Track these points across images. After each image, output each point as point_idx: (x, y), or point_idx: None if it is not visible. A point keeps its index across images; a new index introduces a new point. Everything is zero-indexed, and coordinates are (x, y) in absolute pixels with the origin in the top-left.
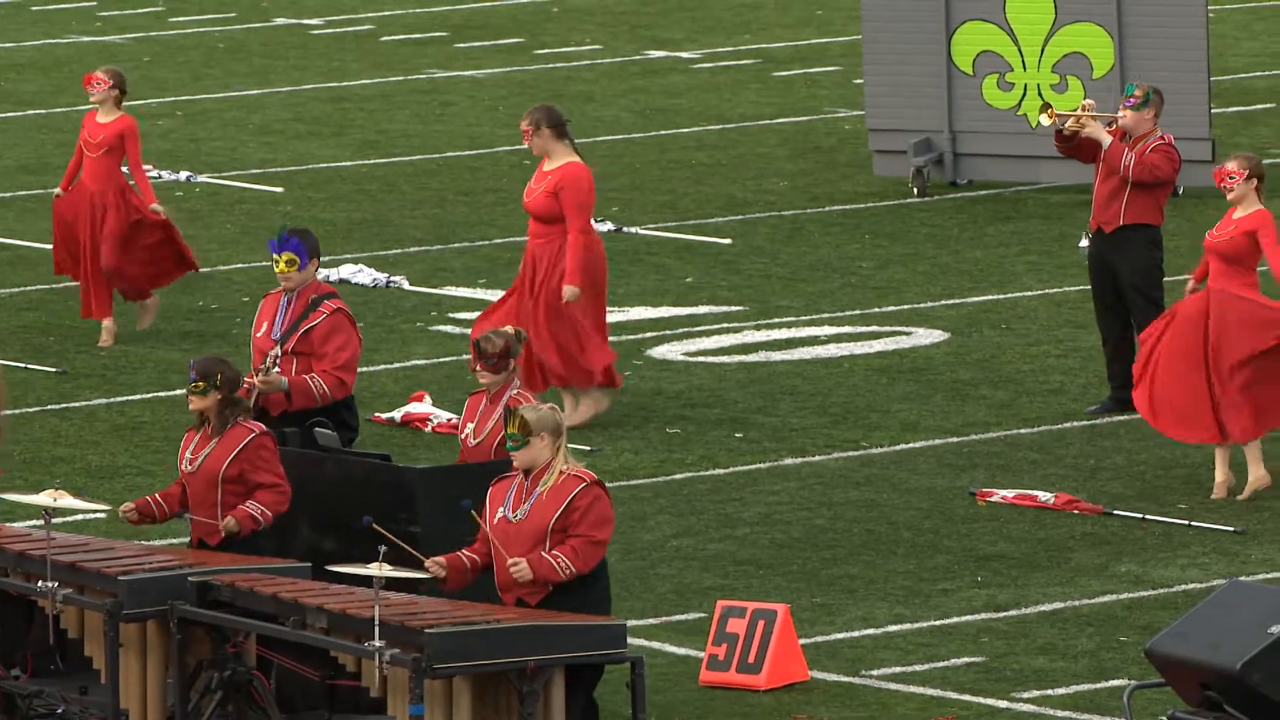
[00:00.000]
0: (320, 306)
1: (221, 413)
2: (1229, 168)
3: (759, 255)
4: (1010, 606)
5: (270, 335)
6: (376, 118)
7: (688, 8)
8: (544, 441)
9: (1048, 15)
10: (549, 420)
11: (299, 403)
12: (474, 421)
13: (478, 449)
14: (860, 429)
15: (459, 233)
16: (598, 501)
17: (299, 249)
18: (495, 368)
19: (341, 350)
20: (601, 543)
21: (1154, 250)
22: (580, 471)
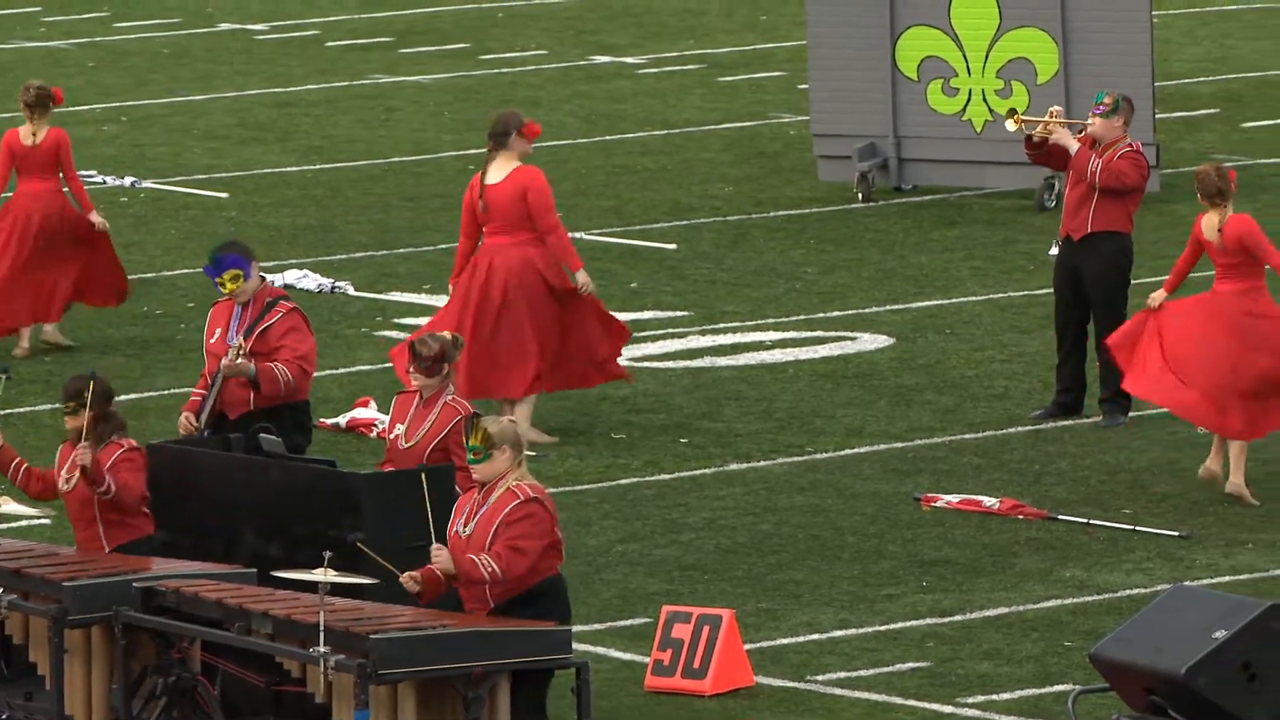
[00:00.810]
0: (276, 306)
1: (96, 429)
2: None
3: (704, 261)
4: (955, 611)
5: (225, 341)
6: (321, 123)
7: (633, 13)
8: (505, 455)
9: (992, 20)
10: (510, 433)
11: (267, 390)
12: (404, 423)
13: (410, 452)
14: (805, 434)
15: (404, 238)
16: (529, 518)
17: (238, 262)
18: (429, 371)
19: (301, 344)
20: (524, 550)
21: (1122, 258)
22: (523, 487)
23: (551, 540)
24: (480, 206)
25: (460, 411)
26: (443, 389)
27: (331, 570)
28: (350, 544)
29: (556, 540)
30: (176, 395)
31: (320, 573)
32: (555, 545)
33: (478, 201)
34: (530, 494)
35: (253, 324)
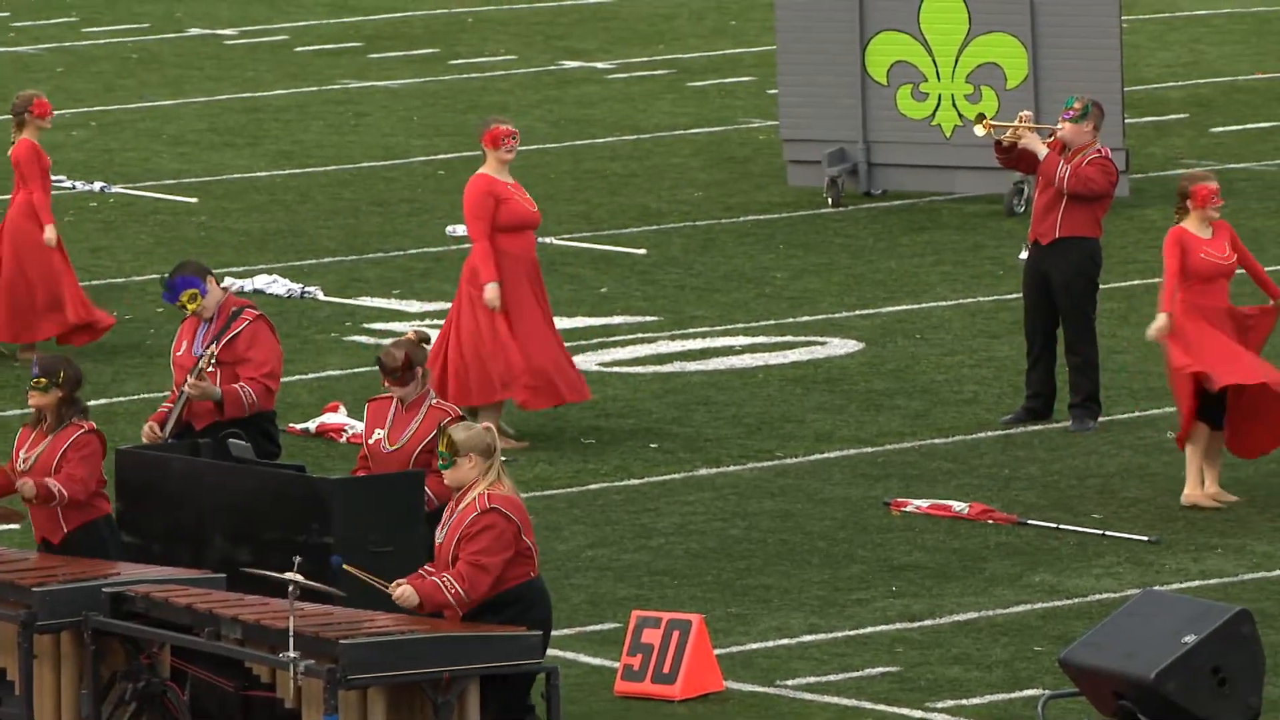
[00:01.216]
0: (241, 315)
1: (59, 410)
2: (1216, 186)
3: (674, 266)
4: (925, 616)
5: (191, 353)
6: (291, 128)
7: (602, 18)
8: (471, 462)
9: (962, 26)
10: (478, 441)
11: (230, 412)
12: (385, 428)
13: (395, 456)
14: (775, 439)
15: (373, 243)
16: (487, 529)
17: (191, 282)
18: (401, 380)
19: (267, 356)
20: (485, 567)
21: (1090, 263)
22: (487, 497)
23: (517, 550)
24: None
25: (447, 414)
26: (424, 394)
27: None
28: (336, 567)
29: (524, 548)
30: (146, 401)
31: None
32: (523, 554)
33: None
34: (489, 504)
35: (218, 334)
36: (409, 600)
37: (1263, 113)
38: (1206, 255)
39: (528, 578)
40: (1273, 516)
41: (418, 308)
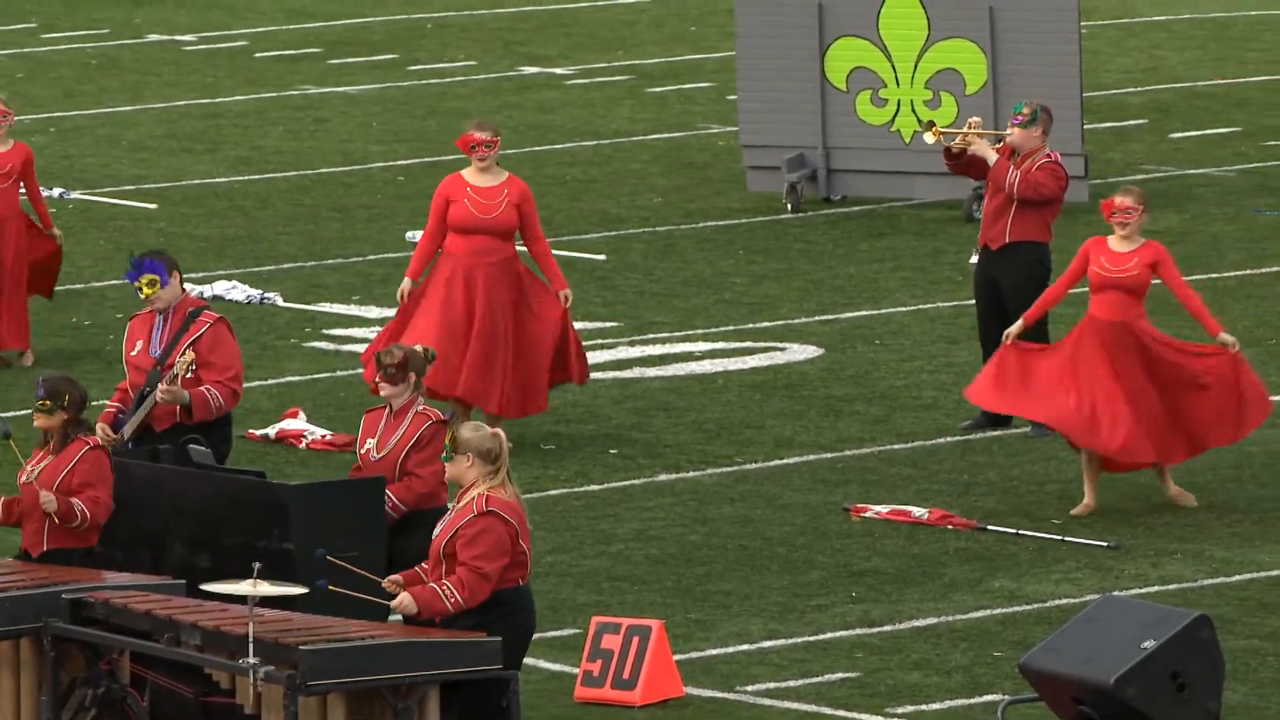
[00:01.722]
0: (201, 317)
1: (65, 431)
2: (1125, 202)
3: (633, 271)
4: (884, 622)
5: (148, 353)
6: (250, 134)
7: (562, 24)
8: (469, 462)
9: (921, 31)
10: (480, 443)
11: (199, 415)
12: (375, 437)
13: (381, 464)
14: (734, 445)
15: (333, 249)
16: (484, 533)
17: (156, 267)
18: (393, 379)
19: (231, 360)
20: (486, 575)
21: (1039, 268)
22: (484, 500)
23: (513, 557)
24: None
25: (430, 418)
26: (413, 400)
27: (261, 582)
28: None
29: (519, 554)
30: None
31: (249, 585)
32: (518, 560)
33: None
34: (486, 507)
35: (176, 336)
36: (408, 609)
37: (1222, 118)
38: (1101, 266)
39: (516, 584)
40: (1231, 522)
41: (377, 313)
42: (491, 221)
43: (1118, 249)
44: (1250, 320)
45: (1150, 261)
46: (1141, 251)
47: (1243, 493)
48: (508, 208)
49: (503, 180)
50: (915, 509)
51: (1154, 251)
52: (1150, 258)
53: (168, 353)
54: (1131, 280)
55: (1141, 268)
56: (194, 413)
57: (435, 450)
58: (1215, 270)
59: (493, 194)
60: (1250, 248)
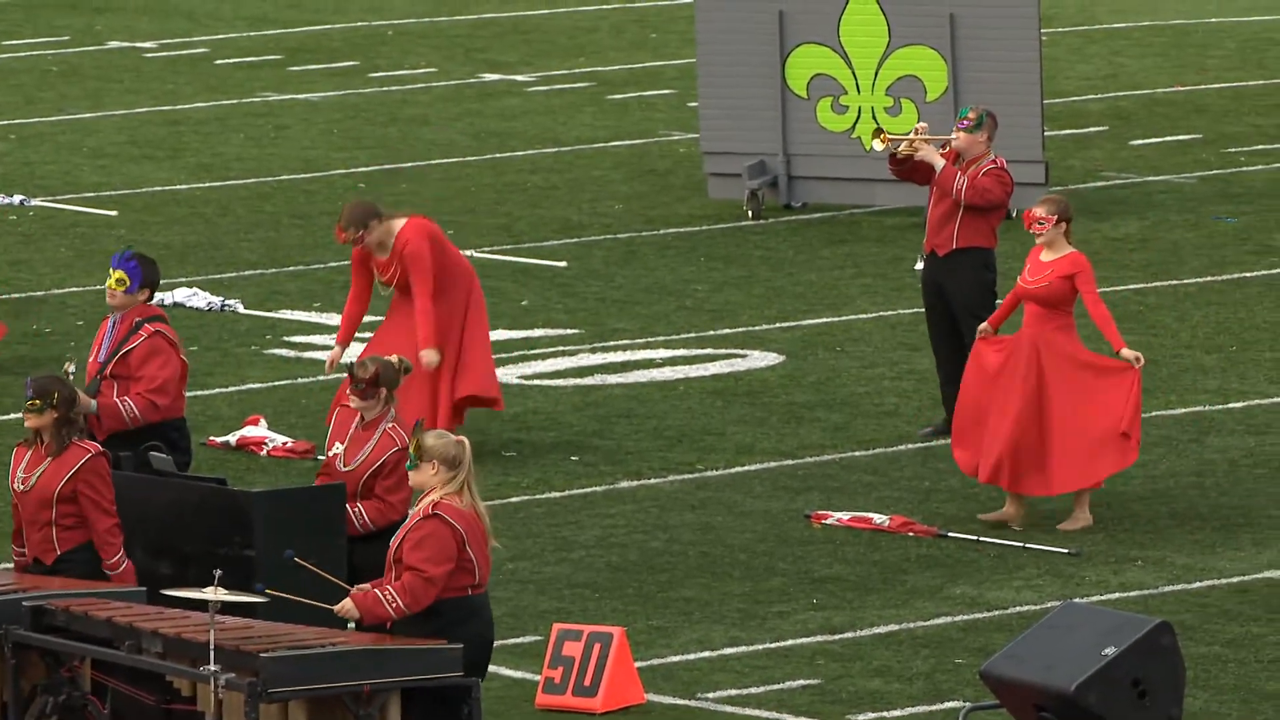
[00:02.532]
0: (141, 329)
1: (58, 432)
2: (1037, 213)
3: (594, 278)
4: (845, 629)
5: (98, 359)
6: (211, 141)
7: (522, 31)
8: (434, 469)
9: (881, 38)
10: (444, 450)
11: (108, 425)
12: (344, 443)
13: (348, 476)
14: (695, 452)
15: (293, 256)
16: (429, 537)
17: (133, 271)
18: (363, 394)
19: (159, 372)
20: (430, 579)
21: (986, 273)
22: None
23: (458, 563)
24: None
25: (396, 443)
26: (384, 414)
27: (222, 589)
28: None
29: (465, 560)
30: None
31: (211, 592)
32: (464, 567)
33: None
34: (433, 511)
35: (119, 345)
36: (350, 615)
37: (1182, 125)
38: (1023, 277)
39: (464, 593)
40: (1192, 529)
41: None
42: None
43: (1043, 259)
44: (1211, 327)
45: (1066, 273)
46: (1058, 263)
47: (1204, 500)
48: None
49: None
50: (876, 516)
51: (1071, 263)
52: (1066, 269)
53: (111, 358)
54: (1044, 292)
55: (1055, 279)
56: (102, 422)
57: (402, 475)
58: (1176, 277)
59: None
60: (1211, 254)
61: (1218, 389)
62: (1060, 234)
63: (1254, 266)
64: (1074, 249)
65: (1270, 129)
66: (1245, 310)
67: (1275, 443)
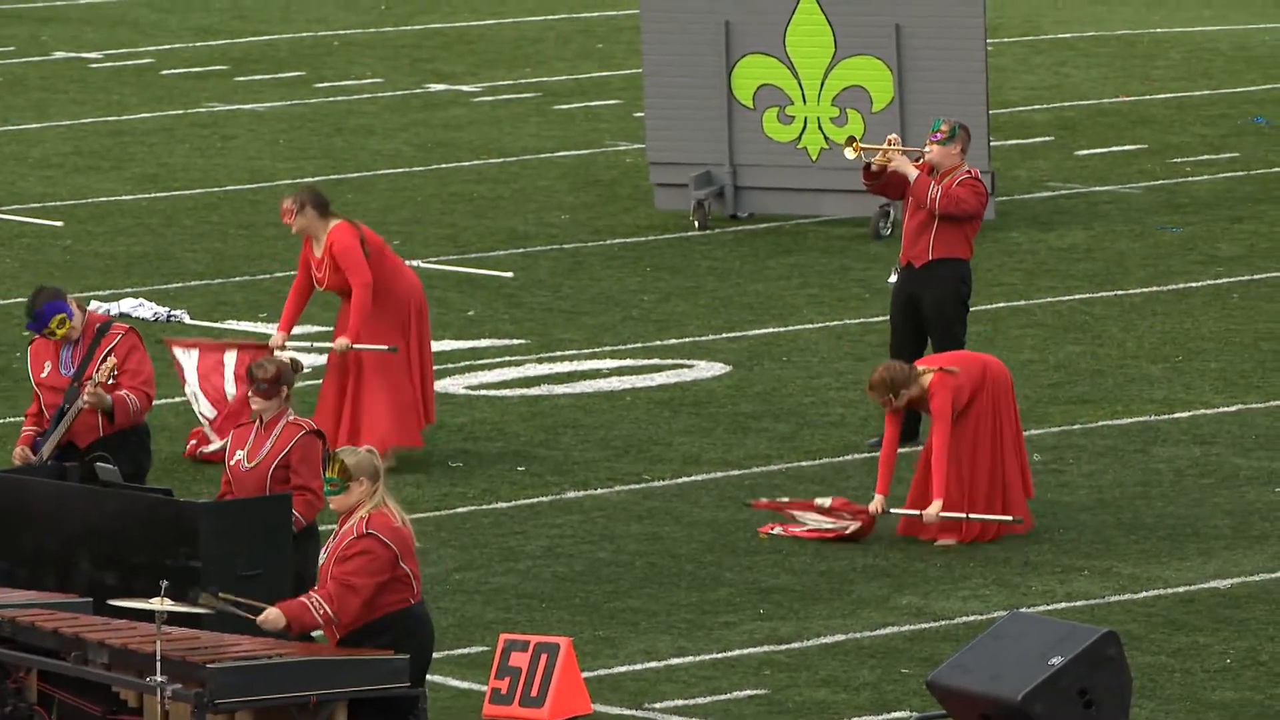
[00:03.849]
0: (111, 329)
1: None
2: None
3: (540, 288)
4: (792, 639)
5: (59, 372)
6: (157, 151)
7: (468, 41)
8: (361, 487)
9: (827, 49)
10: (367, 465)
11: (119, 420)
12: (244, 448)
13: (252, 474)
14: (642, 462)
15: (240, 266)
16: (363, 554)
17: (60, 307)
18: (266, 394)
19: (143, 366)
20: (354, 588)
21: (961, 285)
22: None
23: (393, 575)
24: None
25: (302, 428)
26: (282, 411)
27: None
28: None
29: (401, 574)
30: (14, 425)
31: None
32: (400, 580)
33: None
34: (366, 530)
35: (89, 350)
36: (276, 623)
37: (1127, 135)
38: None
39: (405, 604)
40: (1139, 539)
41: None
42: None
43: None
44: (1156, 337)
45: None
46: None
47: (1150, 510)
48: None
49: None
50: (819, 499)
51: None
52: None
53: (83, 368)
54: None
55: None
56: (115, 417)
57: (316, 461)
58: (1121, 287)
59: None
60: (1156, 264)
61: (1164, 399)
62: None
63: (1199, 276)
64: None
65: (1215, 139)
66: (1191, 320)
67: (1221, 453)
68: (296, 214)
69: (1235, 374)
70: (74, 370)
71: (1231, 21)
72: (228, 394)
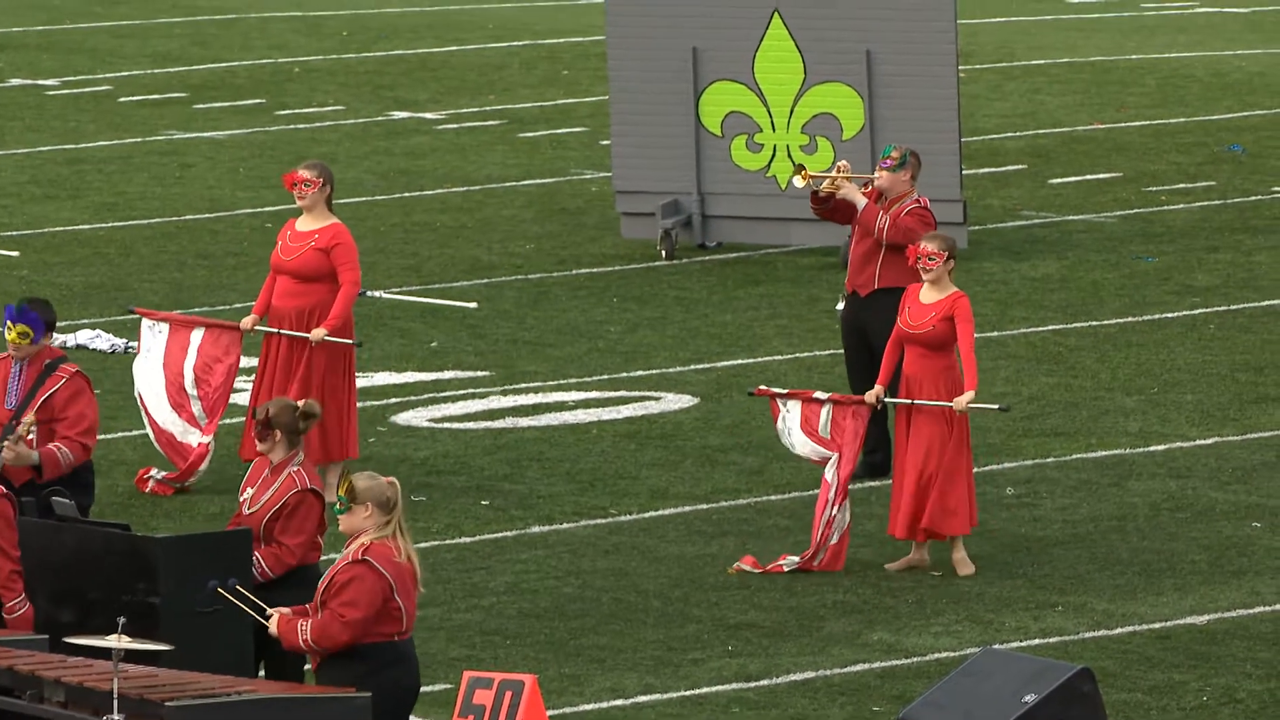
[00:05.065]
0: (58, 371)
1: None
2: (929, 248)
3: (505, 319)
4: (761, 676)
5: (3, 404)
6: (114, 180)
7: (431, 67)
8: (366, 512)
9: (797, 75)
10: (379, 492)
11: (49, 474)
12: (254, 487)
13: (249, 519)
14: (609, 496)
15: (199, 297)
16: (354, 581)
17: (35, 323)
18: (260, 436)
19: (86, 411)
20: (346, 622)
21: None
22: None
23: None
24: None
25: (297, 484)
26: (291, 456)
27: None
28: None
29: (394, 608)
30: None
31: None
32: (391, 613)
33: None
34: (362, 556)
35: (32, 389)
36: (273, 631)
37: (1102, 163)
38: (904, 320)
39: (388, 638)
40: (1114, 574)
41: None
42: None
43: (924, 300)
44: (1131, 369)
45: (948, 314)
46: (941, 305)
47: (1125, 544)
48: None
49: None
50: (819, 392)
51: (953, 304)
52: (948, 310)
53: (23, 406)
54: (929, 336)
55: (938, 321)
56: (44, 471)
57: (300, 519)
58: (1096, 318)
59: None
60: (1131, 294)
61: (1139, 431)
62: (946, 272)
63: (1175, 307)
64: (955, 288)
65: (1190, 167)
66: (1166, 351)
67: (1197, 486)
68: (319, 188)
69: (1212, 406)
70: (15, 404)
71: (1207, 48)
72: (186, 382)
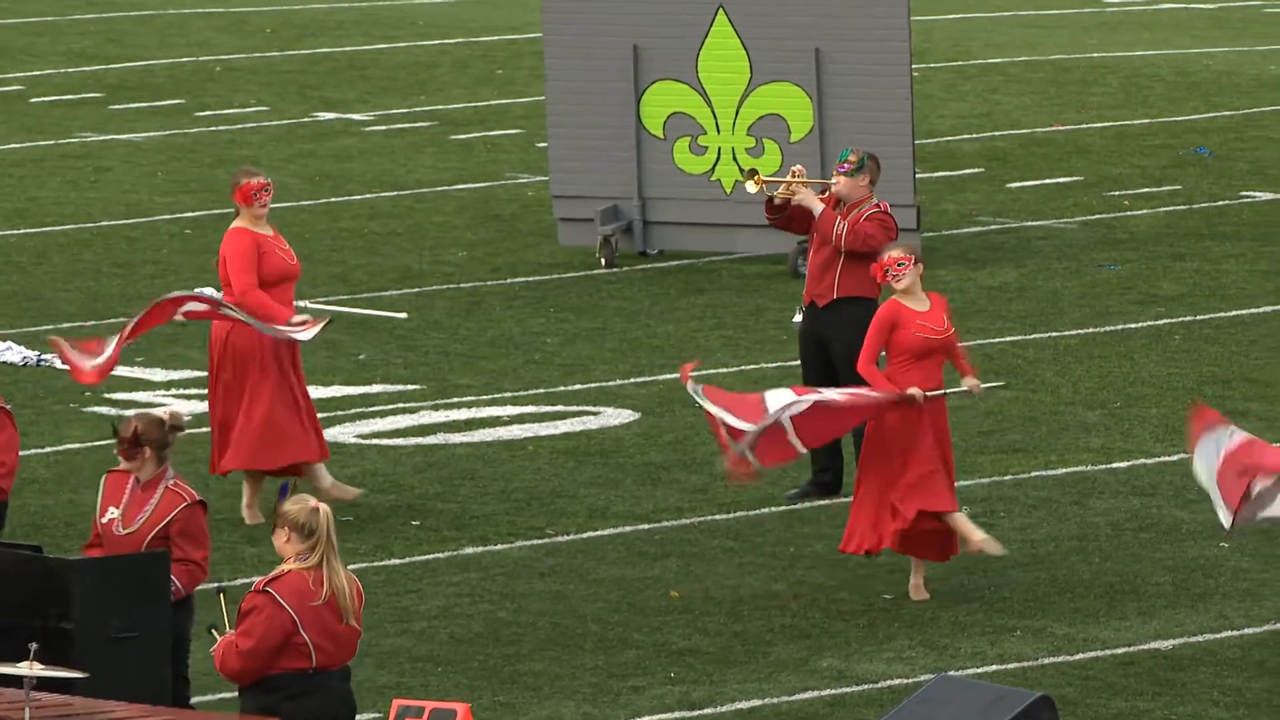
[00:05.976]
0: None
1: None
2: (895, 255)
3: (436, 330)
4: (705, 704)
5: None
6: (26, 184)
7: (359, 67)
8: (285, 537)
9: (742, 75)
10: (295, 517)
11: None
12: (120, 507)
13: (129, 539)
14: (545, 515)
15: (115, 307)
16: (253, 612)
17: None
18: (126, 454)
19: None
20: (241, 652)
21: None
22: (265, 580)
23: (287, 640)
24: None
25: (183, 499)
26: (162, 473)
27: (38, 663)
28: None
29: (299, 643)
30: None
31: (26, 666)
32: (297, 648)
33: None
34: (263, 587)
35: None
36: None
37: (1061, 167)
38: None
39: (298, 669)
40: (1075, 597)
41: (162, 376)
42: (298, 268)
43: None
44: (1093, 382)
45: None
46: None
47: (1086, 566)
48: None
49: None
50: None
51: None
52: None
53: None
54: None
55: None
56: None
57: (199, 531)
58: (1056, 329)
59: (282, 239)
60: (1093, 304)
61: (1101, 448)
62: (919, 276)
63: (1138, 317)
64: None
65: (1155, 170)
66: (1129, 364)
67: (1162, 505)
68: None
69: (1177, 421)
70: None
71: (1172, 46)
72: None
